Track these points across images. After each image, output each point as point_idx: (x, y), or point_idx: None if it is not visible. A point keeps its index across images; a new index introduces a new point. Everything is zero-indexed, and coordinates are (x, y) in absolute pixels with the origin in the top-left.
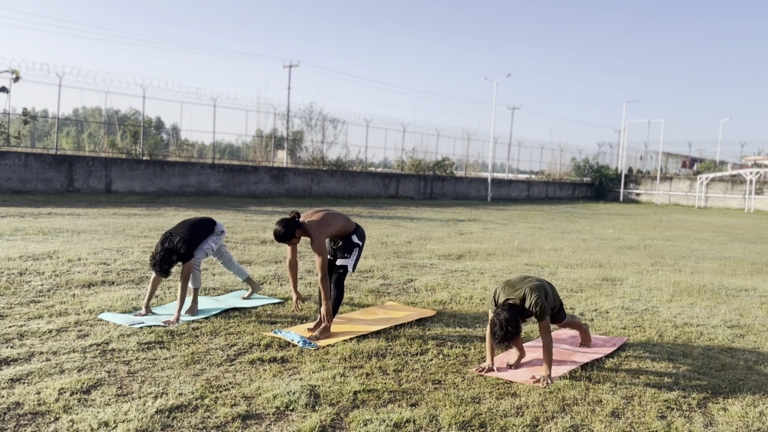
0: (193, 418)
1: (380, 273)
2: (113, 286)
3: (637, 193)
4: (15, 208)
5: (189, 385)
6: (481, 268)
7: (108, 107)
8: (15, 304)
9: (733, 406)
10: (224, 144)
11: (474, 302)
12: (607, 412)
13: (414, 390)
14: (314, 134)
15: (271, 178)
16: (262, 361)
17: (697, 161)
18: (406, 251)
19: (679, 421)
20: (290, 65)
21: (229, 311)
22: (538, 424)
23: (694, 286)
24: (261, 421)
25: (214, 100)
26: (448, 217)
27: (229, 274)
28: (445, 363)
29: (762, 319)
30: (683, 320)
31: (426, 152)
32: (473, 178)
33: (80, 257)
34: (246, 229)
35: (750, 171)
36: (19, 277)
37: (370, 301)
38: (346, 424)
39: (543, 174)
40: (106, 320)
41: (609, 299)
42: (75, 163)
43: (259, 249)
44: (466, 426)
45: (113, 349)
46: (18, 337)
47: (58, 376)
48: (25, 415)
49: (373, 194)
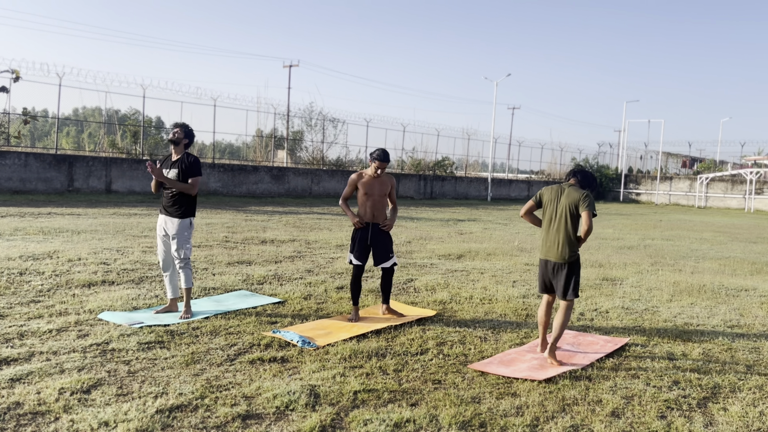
0: (193, 417)
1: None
2: (113, 285)
3: (637, 193)
4: (15, 207)
5: (189, 385)
6: (481, 267)
7: (108, 107)
8: (15, 303)
9: (733, 406)
10: (224, 144)
11: (474, 302)
12: (607, 412)
13: (414, 390)
14: (314, 134)
15: (271, 177)
16: (262, 360)
17: (697, 161)
18: (406, 251)
19: (679, 421)
20: (290, 65)
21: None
22: (538, 424)
23: (694, 285)
24: (261, 421)
25: (214, 100)
26: (448, 217)
27: (228, 273)
28: (445, 363)
29: (762, 318)
30: (683, 320)
31: (426, 152)
32: (473, 178)
33: (80, 257)
34: (246, 229)
35: (750, 171)
36: (20, 277)
37: (370, 301)
38: (346, 424)
39: (543, 174)
40: (106, 320)
41: (609, 299)
42: (75, 163)
43: (259, 249)
44: (466, 426)
45: (113, 349)
46: (18, 337)
47: (58, 375)
48: (26, 415)
49: None
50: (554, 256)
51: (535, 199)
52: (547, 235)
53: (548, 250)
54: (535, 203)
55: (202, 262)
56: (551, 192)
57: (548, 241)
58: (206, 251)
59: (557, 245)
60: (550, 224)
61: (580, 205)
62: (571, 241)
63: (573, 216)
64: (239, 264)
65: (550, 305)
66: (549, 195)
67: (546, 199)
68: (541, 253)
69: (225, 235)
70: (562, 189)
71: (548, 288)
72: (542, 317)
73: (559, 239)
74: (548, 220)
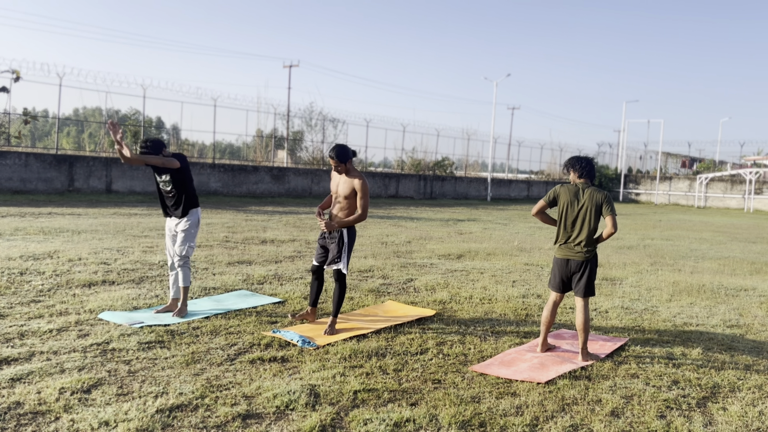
0: (193, 417)
1: (380, 273)
2: (113, 285)
3: (636, 193)
4: (15, 207)
5: (189, 385)
6: (481, 267)
7: (108, 107)
8: (15, 303)
9: (733, 405)
10: (224, 144)
11: (474, 302)
12: (606, 412)
13: (414, 389)
14: (314, 134)
15: (272, 178)
16: (262, 360)
17: (697, 161)
18: (406, 251)
19: (678, 421)
20: (290, 65)
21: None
22: (538, 424)
23: (694, 285)
24: (261, 421)
25: (215, 100)
26: (447, 216)
27: (229, 273)
28: (445, 362)
29: (761, 318)
30: (683, 320)
31: (426, 152)
32: (473, 178)
33: (81, 257)
34: (246, 229)
35: (749, 171)
36: (20, 277)
37: (370, 301)
38: (346, 424)
39: (543, 174)
40: (107, 320)
41: (609, 299)
42: (75, 163)
43: (259, 249)
44: (466, 425)
45: (114, 349)
46: (18, 337)
47: (58, 375)
48: (26, 415)
49: (373, 194)
50: (577, 255)
51: (548, 199)
52: (569, 235)
53: (570, 250)
54: (548, 203)
55: (203, 262)
56: (569, 192)
57: (570, 241)
58: (206, 251)
59: (581, 245)
60: (573, 225)
61: (603, 208)
62: (592, 240)
63: (596, 217)
64: (239, 264)
65: (556, 305)
66: (567, 196)
67: (564, 200)
68: (560, 252)
69: (225, 235)
70: (580, 189)
71: (564, 286)
72: (548, 317)
73: (583, 239)
74: (570, 221)
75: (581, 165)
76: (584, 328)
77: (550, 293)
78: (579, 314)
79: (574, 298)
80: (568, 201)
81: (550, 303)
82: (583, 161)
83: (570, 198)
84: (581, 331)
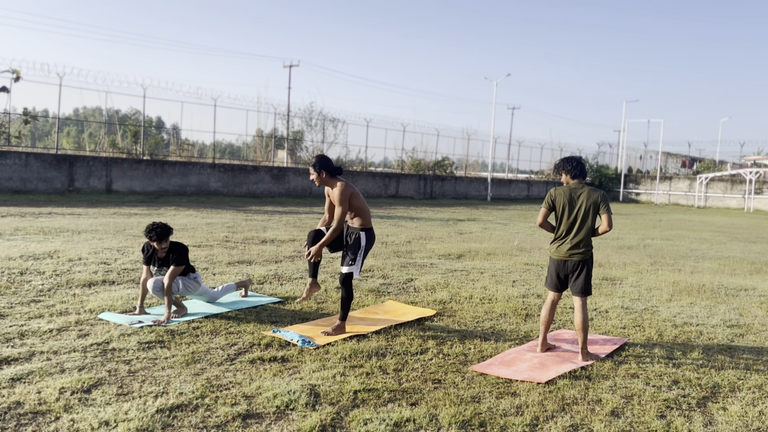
0: (193, 417)
1: (380, 272)
2: (114, 285)
3: (636, 193)
4: (15, 207)
5: (189, 385)
6: (481, 267)
7: (108, 107)
8: (16, 303)
9: (733, 405)
10: (225, 144)
11: (474, 302)
12: (606, 412)
13: (414, 389)
14: (314, 134)
15: (272, 177)
16: (262, 360)
17: (697, 161)
18: (406, 251)
19: (678, 421)
20: (290, 65)
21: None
22: (538, 424)
23: (694, 285)
24: (261, 421)
25: (215, 100)
26: (448, 216)
27: (228, 273)
28: (445, 362)
29: (761, 318)
30: (683, 320)
31: (426, 152)
32: (473, 178)
33: (81, 257)
34: (246, 229)
35: (749, 171)
36: (20, 277)
37: (370, 301)
38: (346, 424)
39: (543, 174)
40: (107, 320)
41: (609, 299)
42: (75, 163)
43: (259, 249)
44: (466, 425)
45: (114, 349)
46: (19, 337)
47: (58, 375)
48: (26, 415)
49: (373, 194)
50: (575, 256)
51: (548, 205)
52: (568, 237)
53: (569, 251)
54: (548, 209)
55: (203, 261)
56: (564, 195)
57: (569, 242)
58: (206, 251)
59: (580, 245)
60: (571, 226)
61: (600, 207)
62: (590, 240)
63: (593, 217)
64: (239, 264)
65: (555, 305)
66: (563, 198)
67: (560, 202)
68: (558, 254)
69: (225, 235)
70: (575, 190)
71: (561, 285)
72: (546, 317)
73: (581, 239)
74: (569, 223)
75: (572, 166)
76: (583, 328)
77: (547, 293)
78: (578, 314)
79: (573, 298)
80: (566, 203)
81: (549, 303)
82: (573, 161)
83: (567, 200)
84: (580, 330)
